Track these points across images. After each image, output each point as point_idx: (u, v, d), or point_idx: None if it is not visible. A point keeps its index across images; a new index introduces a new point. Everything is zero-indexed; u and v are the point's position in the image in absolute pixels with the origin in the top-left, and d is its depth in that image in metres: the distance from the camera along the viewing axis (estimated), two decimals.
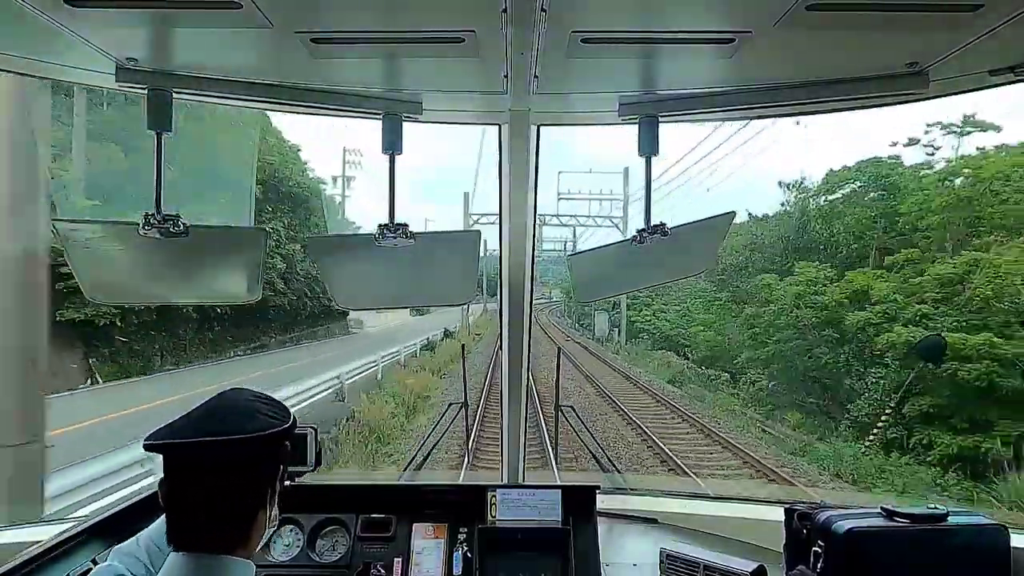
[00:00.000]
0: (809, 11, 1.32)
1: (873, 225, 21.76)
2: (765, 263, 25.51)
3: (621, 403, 16.38)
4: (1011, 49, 1.52)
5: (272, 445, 1.20)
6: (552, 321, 56.67)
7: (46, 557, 1.63)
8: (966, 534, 1.59)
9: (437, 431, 3.13)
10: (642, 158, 1.97)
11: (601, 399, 17.62)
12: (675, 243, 1.98)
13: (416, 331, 31.73)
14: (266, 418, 1.20)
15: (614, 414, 15.56)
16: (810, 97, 1.77)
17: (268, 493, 1.21)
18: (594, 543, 2.12)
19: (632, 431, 13.73)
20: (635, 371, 23.76)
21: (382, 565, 2.10)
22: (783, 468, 11.18)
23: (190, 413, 1.20)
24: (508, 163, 2.11)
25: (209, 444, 1.12)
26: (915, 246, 19.30)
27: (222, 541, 1.14)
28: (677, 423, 14.83)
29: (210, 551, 1.13)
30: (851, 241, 22.41)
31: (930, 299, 16.49)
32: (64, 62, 1.65)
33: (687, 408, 16.16)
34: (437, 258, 2.14)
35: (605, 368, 24.60)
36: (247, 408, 1.21)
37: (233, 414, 1.19)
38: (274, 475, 1.24)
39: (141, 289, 2.25)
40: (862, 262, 21.14)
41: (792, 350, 20.24)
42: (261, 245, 2.07)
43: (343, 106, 1.85)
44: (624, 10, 1.37)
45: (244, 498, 1.17)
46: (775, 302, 20.96)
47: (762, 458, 11.55)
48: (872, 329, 17.33)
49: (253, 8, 1.30)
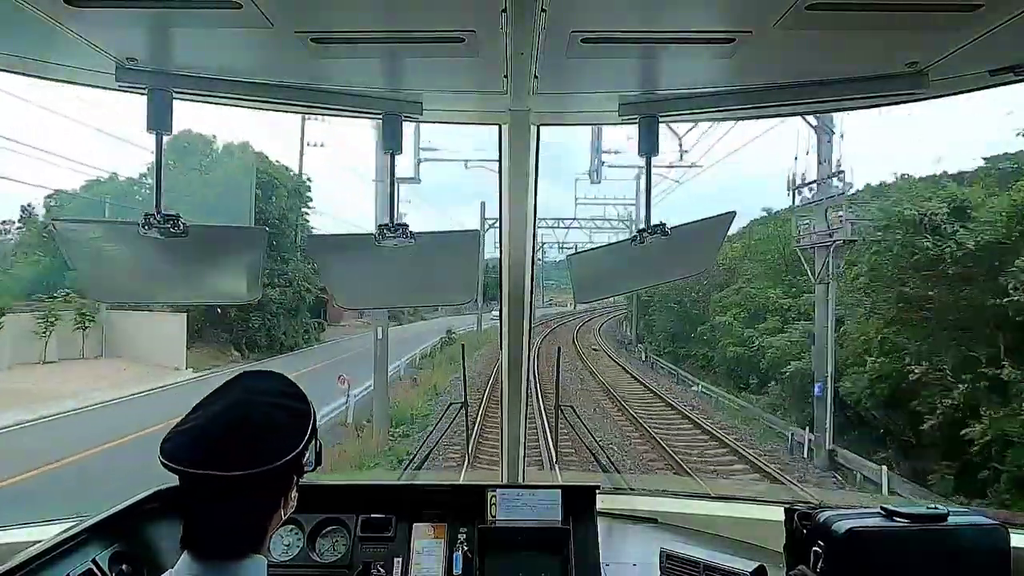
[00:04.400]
0: (809, 11, 1.31)
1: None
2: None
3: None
4: (1011, 49, 1.52)
5: (293, 462, 1.15)
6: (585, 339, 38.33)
7: (46, 557, 1.63)
8: (966, 534, 1.59)
9: (437, 431, 3.13)
10: (644, 156, 1.98)
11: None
12: (675, 243, 1.98)
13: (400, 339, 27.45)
14: (290, 430, 1.15)
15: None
16: (810, 97, 1.77)
17: (287, 496, 1.19)
18: (594, 543, 2.12)
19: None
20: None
21: (382, 565, 2.10)
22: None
23: (209, 412, 1.14)
24: (508, 163, 2.11)
25: (229, 478, 1.07)
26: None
27: (238, 547, 1.12)
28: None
29: (225, 558, 1.11)
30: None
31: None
32: (64, 62, 1.65)
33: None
34: (437, 258, 2.14)
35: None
36: (271, 421, 1.15)
37: (257, 430, 1.12)
38: (294, 481, 1.21)
39: (141, 289, 2.26)
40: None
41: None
42: (261, 245, 2.07)
43: (343, 106, 1.85)
44: (624, 10, 1.37)
45: (261, 509, 1.15)
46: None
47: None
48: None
49: (253, 8, 1.30)
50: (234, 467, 1.07)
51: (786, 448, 15.51)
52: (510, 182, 2.15)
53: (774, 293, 23.42)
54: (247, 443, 1.10)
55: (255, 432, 1.12)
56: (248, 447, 1.10)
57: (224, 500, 1.09)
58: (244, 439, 1.11)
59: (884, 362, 14.97)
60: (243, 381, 1.22)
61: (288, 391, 1.22)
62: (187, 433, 1.11)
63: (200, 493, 1.10)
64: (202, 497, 1.10)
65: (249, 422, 1.13)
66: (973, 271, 13.39)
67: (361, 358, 20.81)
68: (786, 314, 22.17)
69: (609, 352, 32.56)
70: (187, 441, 1.10)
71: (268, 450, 1.10)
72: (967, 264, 13.33)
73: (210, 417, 1.13)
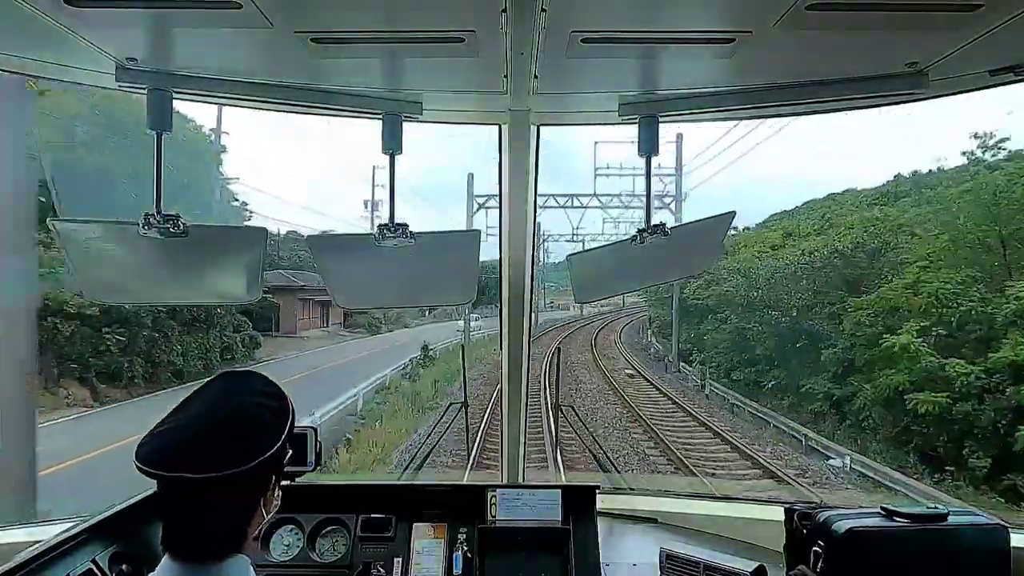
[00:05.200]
0: (809, 11, 1.31)
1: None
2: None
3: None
4: (1011, 49, 1.52)
5: (272, 460, 1.13)
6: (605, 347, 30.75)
7: (46, 557, 1.63)
8: (966, 534, 1.59)
9: (436, 431, 3.13)
10: (644, 156, 1.97)
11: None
12: (675, 243, 1.98)
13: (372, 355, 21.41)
14: (268, 430, 1.13)
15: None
16: (810, 97, 1.77)
17: (266, 496, 1.18)
18: (594, 543, 2.12)
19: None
20: None
21: (382, 565, 2.10)
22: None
23: (189, 414, 1.13)
24: (508, 163, 2.11)
25: (206, 480, 1.05)
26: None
27: (217, 549, 1.11)
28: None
29: (204, 560, 1.10)
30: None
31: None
32: (64, 62, 1.65)
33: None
34: (437, 258, 2.14)
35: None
36: (253, 421, 1.14)
37: (241, 429, 1.12)
38: (276, 477, 1.19)
39: (141, 289, 2.25)
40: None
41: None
42: (261, 245, 2.07)
43: (343, 106, 1.85)
44: (624, 10, 1.37)
45: (241, 510, 1.14)
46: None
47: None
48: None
49: (253, 8, 1.30)
50: (206, 469, 1.05)
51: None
52: (510, 182, 2.15)
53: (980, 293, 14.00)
54: (222, 445, 1.09)
55: (233, 433, 1.11)
56: (223, 448, 1.08)
57: (198, 502, 1.08)
58: (220, 440, 1.10)
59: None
60: (223, 382, 1.21)
61: (267, 390, 1.21)
62: (163, 436, 1.10)
63: (174, 495, 1.09)
64: (177, 499, 1.09)
65: (229, 422, 1.12)
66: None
67: (312, 383, 17.28)
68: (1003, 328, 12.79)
69: (652, 380, 20.87)
70: (162, 444, 1.09)
71: (243, 451, 1.09)
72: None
73: (190, 419, 1.12)
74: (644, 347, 33.29)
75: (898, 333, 14.20)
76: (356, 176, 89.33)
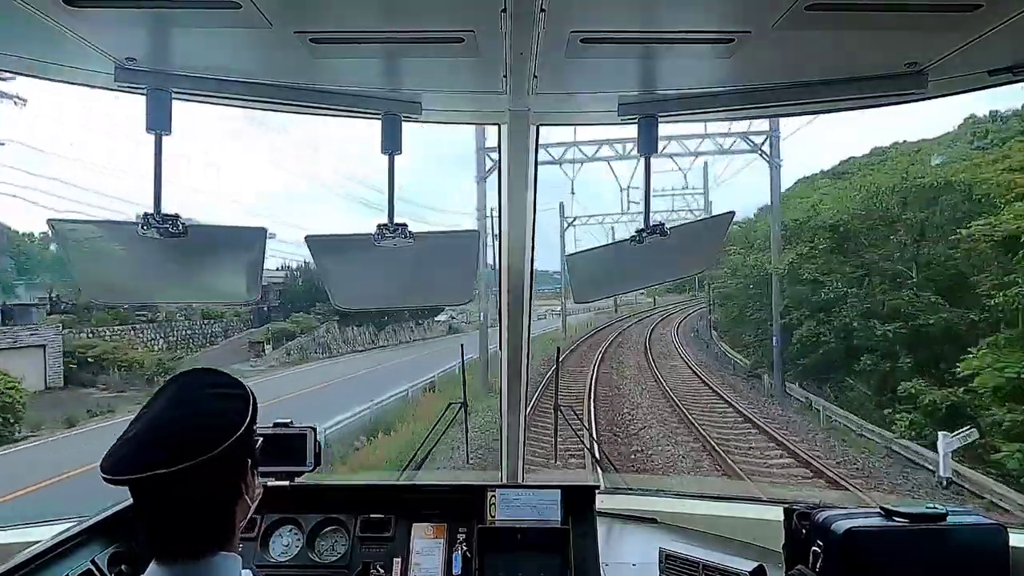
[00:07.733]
0: (808, 11, 1.31)
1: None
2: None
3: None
4: (1011, 49, 1.52)
5: (241, 443, 1.11)
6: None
7: (46, 557, 1.63)
8: (965, 534, 1.59)
9: (436, 432, 3.12)
10: (643, 156, 1.98)
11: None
12: (674, 243, 1.98)
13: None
14: (231, 413, 1.12)
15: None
16: (810, 97, 1.77)
17: (244, 483, 1.16)
18: (594, 543, 2.12)
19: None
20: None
21: (381, 565, 2.10)
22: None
23: (151, 414, 1.12)
24: (507, 163, 2.11)
25: (178, 472, 1.03)
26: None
27: (203, 545, 1.10)
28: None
29: (191, 558, 1.09)
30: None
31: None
32: (64, 62, 1.65)
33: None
34: (437, 258, 2.14)
35: None
36: (213, 408, 1.13)
37: (204, 419, 1.11)
38: (248, 464, 1.17)
39: (140, 289, 2.26)
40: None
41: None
42: (261, 244, 2.07)
43: (342, 106, 1.85)
44: (624, 10, 1.37)
45: (220, 502, 1.12)
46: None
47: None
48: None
49: (252, 8, 1.30)
50: (179, 461, 1.04)
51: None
52: (509, 182, 2.15)
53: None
54: (188, 435, 1.08)
55: (197, 424, 1.10)
56: (190, 439, 1.08)
57: (176, 499, 1.07)
58: (186, 432, 1.09)
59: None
60: (174, 384, 1.20)
61: (220, 381, 1.20)
62: (127, 444, 1.08)
63: (151, 498, 1.08)
64: (154, 501, 1.08)
65: (191, 415, 1.12)
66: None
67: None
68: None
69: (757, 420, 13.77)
70: (128, 451, 1.07)
71: (211, 436, 1.08)
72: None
73: (150, 423, 1.11)
74: (700, 341, 28.65)
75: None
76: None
